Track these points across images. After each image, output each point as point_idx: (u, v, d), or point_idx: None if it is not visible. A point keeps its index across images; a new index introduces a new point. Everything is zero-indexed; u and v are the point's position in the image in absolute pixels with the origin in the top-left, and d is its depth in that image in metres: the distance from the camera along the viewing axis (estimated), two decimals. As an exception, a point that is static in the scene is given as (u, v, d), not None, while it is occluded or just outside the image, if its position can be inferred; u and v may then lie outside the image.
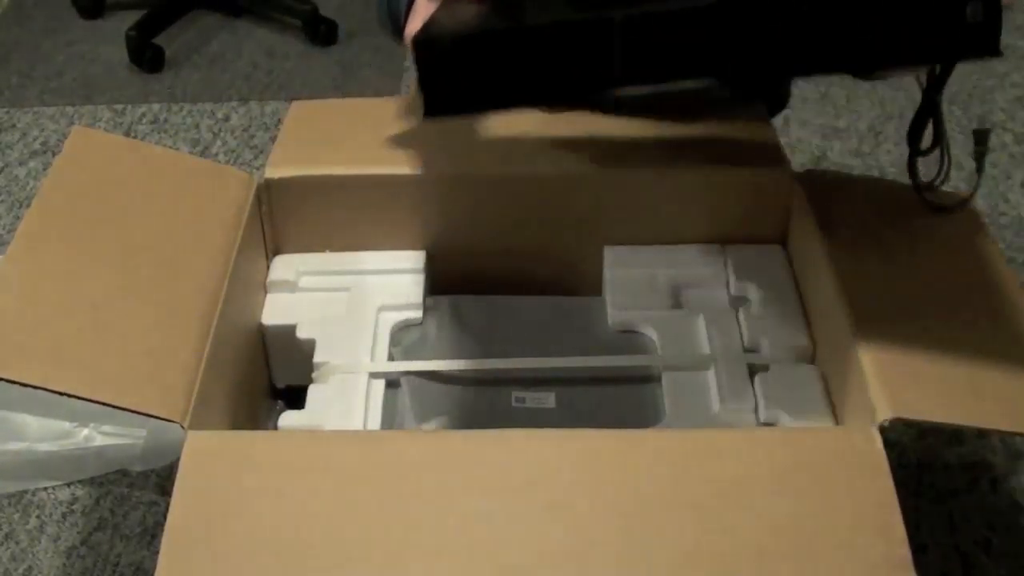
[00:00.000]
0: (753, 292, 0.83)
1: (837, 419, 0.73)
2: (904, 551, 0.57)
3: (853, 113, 1.50)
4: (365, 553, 0.59)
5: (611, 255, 0.87)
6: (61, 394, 0.64)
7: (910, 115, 0.77)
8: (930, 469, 1.00)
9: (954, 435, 1.03)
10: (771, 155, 0.85)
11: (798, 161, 0.84)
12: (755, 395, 0.76)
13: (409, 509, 0.61)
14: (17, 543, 0.96)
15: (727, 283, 0.85)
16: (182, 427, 0.65)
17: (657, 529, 0.59)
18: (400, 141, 0.87)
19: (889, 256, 0.76)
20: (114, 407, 0.64)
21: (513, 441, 0.65)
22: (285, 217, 0.87)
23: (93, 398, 0.64)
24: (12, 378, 0.64)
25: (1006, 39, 0.52)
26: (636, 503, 0.60)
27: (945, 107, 0.72)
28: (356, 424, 0.75)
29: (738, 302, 0.84)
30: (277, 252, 0.89)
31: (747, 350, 0.80)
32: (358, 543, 0.59)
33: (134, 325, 0.70)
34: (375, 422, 0.76)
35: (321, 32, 1.68)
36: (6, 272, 0.72)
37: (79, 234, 0.76)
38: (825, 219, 0.79)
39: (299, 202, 0.86)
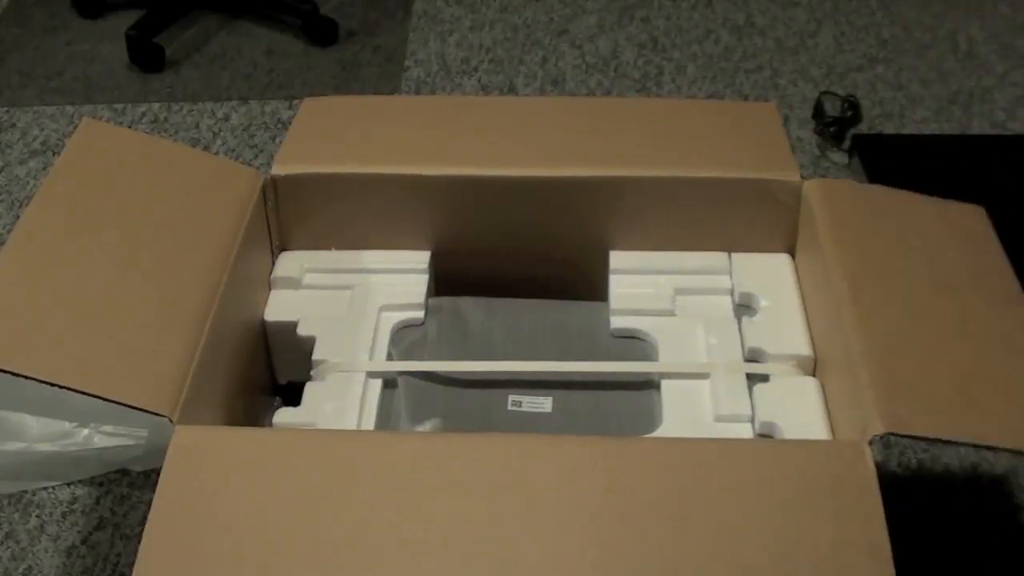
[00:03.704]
0: (757, 301, 0.83)
1: (834, 432, 0.73)
2: (889, 570, 0.57)
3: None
4: (345, 553, 0.59)
5: (615, 260, 0.87)
6: (52, 384, 0.64)
7: (911, 113, 0.77)
8: (930, 469, 1.00)
9: (952, 443, 1.02)
10: (780, 162, 0.84)
11: (797, 161, 0.84)
12: (752, 406, 0.76)
13: (391, 510, 0.60)
14: (17, 543, 0.96)
15: (731, 291, 0.85)
16: (170, 421, 0.65)
17: (638, 538, 0.59)
18: (410, 141, 0.87)
19: (897, 266, 0.76)
20: (104, 399, 0.64)
21: (499, 445, 0.65)
22: (291, 214, 0.87)
23: (83, 390, 0.64)
24: (4, 368, 0.64)
25: (1006, 39, 0.52)
26: (619, 511, 0.60)
27: (945, 106, 0.73)
28: (350, 423, 0.75)
29: (742, 311, 0.84)
30: (283, 249, 0.89)
31: (748, 359, 0.79)
32: (339, 543, 0.59)
33: (131, 318, 0.70)
34: (370, 422, 0.76)
35: (321, 32, 1.68)
36: (4, 262, 0.72)
37: (81, 226, 0.76)
38: (834, 229, 0.78)
39: (306, 199, 0.86)
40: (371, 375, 0.80)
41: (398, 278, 0.87)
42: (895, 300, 0.72)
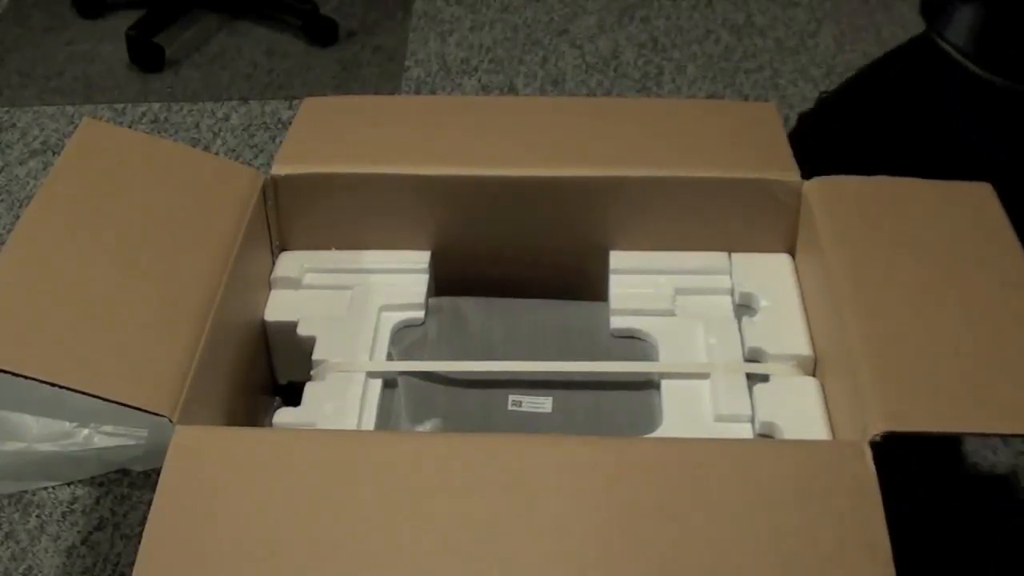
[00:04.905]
0: (757, 301, 0.83)
1: (834, 432, 0.73)
2: (889, 570, 0.57)
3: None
4: (345, 553, 0.59)
5: (615, 260, 0.87)
6: (52, 384, 0.64)
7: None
8: (931, 469, 1.00)
9: (955, 434, 1.03)
10: (780, 162, 0.84)
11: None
12: (752, 406, 0.76)
13: (391, 510, 0.60)
14: (17, 543, 0.96)
15: (731, 291, 0.85)
16: (170, 421, 0.65)
17: (638, 538, 0.59)
18: (410, 141, 0.87)
19: (900, 259, 0.75)
20: (104, 399, 0.64)
21: (499, 445, 0.65)
22: (292, 214, 0.87)
23: (83, 390, 0.64)
24: (4, 367, 0.64)
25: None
26: (618, 512, 0.60)
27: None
28: (351, 423, 0.75)
29: (742, 311, 0.84)
30: (283, 249, 0.89)
31: (748, 359, 0.79)
32: (339, 543, 0.59)
33: (131, 318, 0.70)
34: (370, 422, 0.76)
35: (321, 32, 1.68)
36: (4, 262, 0.72)
37: (81, 226, 0.76)
38: (834, 229, 0.78)
39: (306, 199, 0.86)
40: (371, 375, 0.80)
41: (398, 278, 0.87)
42: (898, 295, 0.72)
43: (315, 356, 0.81)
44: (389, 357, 0.82)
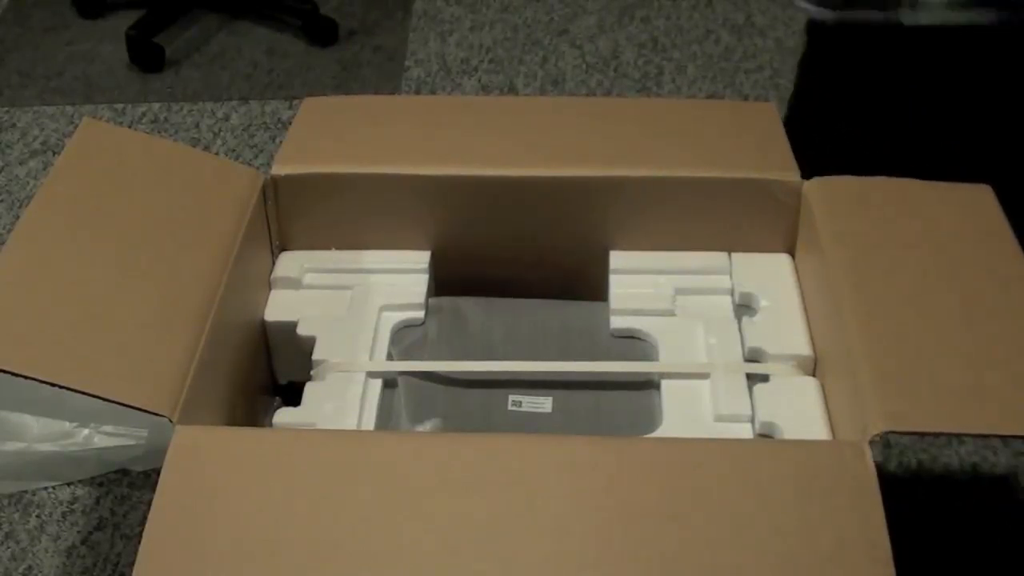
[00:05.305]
0: (757, 301, 0.83)
1: (834, 432, 0.73)
2: (889, 570, 0.57)
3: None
4: (345, 553, 0.59)
5: (615, 260, 0.87)
6: (52, 384, 0.64)
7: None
8: (930, 470, 1.00)
9: (955, 434, 1.03)
10: (780, 162, 0.84)
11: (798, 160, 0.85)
12: (752, 406, 0.76)
13: (391, 510, 0.60)
14: (17, 543, 0.96)
15: (731, 291, 0.85)
16: (170, 421, 0.65)
17: (637, 539, 0.59)
18: (410, 141, 0.87)
19: (899, 260, 0.75)
20: (104, 399, 0.64)
21: (499, 445, 0.65)
22: (292, 214, 0.87)
23: (83, 390, 0.64)
24: (4, 367, 0.64)
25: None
26: (618, 512, 0.60)
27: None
28: (351, 423, 0.75)
29: (742, 311, 0.84)
30: (283, 249, 0.89)
31: (748, 359, 0.79)
32: (339, 543, 0.59)
33: (131, 318, 0.70)
34: (370, 422, 0.76)
35: (321, 32, 1.68)
36: (4, 262, 0.72)
37: (81, 226, 0.76)
38: (834, 228, 0.78)
39: (306, 199, 0.86)
40: (371, 375, 0.80)
41: (398, 278, 0.87)
42: (898, 295, 0.72)
43: (315, 356, 0.81)
44: (389, 357, 0.82)
